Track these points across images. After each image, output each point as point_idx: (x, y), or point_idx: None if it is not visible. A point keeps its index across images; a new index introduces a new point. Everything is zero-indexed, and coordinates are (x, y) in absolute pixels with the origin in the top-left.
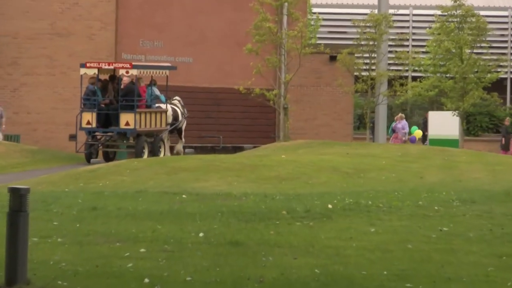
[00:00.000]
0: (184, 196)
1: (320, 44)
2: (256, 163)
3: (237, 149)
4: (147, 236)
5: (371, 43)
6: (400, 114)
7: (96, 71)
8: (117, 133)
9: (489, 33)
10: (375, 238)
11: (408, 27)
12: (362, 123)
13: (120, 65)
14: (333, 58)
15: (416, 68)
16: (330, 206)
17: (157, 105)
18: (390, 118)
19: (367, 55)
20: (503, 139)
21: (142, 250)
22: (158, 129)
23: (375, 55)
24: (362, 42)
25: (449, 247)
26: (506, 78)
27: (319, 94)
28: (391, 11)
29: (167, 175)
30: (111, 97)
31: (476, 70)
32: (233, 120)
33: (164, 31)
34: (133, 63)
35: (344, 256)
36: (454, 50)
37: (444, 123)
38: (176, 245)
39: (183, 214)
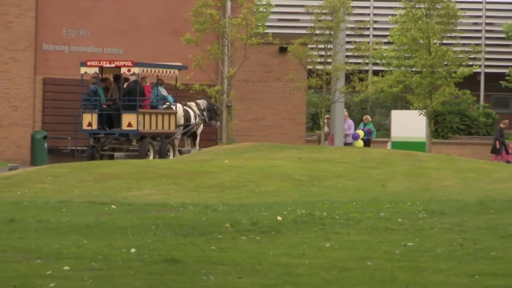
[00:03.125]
0: (113, 206)
1: (268, 33)
2: (196, 169)
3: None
4: (72, 252)
5: (327, 32)
6: (344, 113)
7: (97, 69)
8: (119, 134)
9: (461, 21)
10: (331, 254)
11: (368, 14)
12: (317, 124)
13: (122, 63)
14: (283, 50)
15: (378, 61)
16: (279, 218)
17: (165, 105)
18: (351, 118)
19: (322, 46)
20: (497, 142)
21: (66, 268)
22: (165, 131)
23: (332, 46)
24: (317, 32)
25: (415, 265)
26: (479, 73)
27: (268, 90)
28: None
29: (94, 182)
30: (115, 97)
31: (446, 63)
32: None
33: (90, 17)
34: (135, 61)
35: (296, 275)
36: (421, 41)
37: (410, 124)
38: (105, 262)
39: (112, 227)
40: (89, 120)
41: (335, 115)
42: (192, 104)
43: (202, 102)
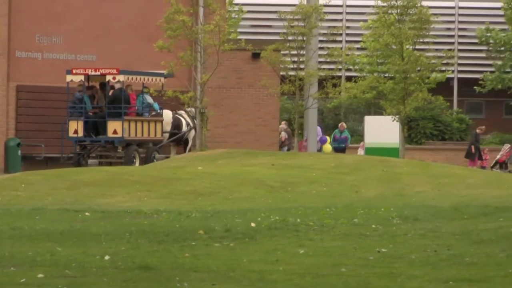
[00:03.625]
0: (87, 213)
1: (241, 39)
2: (169, 176)
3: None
4: (46, 260)
5: (299, 38)
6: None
7: (82, 77)
8: (104, 142)
9: (433, 26)
10: (305, 260)
11: (341, 20)
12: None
13: (107, 70)
14: (256, 56)
15: (351, 67)
16: (253, 224)
17: (153, 113)
18: (325, 124)
19: (295, 52)
20: (472, 147)
21: (40, 275)
22: (151, 138)
23: (304, 52)
24: (290, 38)
25: (388, 271)
26: (453, 78)
27: (241, 96)
28: (322, 1)
29: (68, 190)
30: (101, 105)
31: (419, 68)
32: None
33: (63, 23)
34: (120, 69)
35: (270, 281)
36: (394, 46)
37: (383, 130)
38: (79, 270)
39: (86, 235)
40: (75, 127)
41: (309, 121)
42: (183, 112)
43: (191, 110)
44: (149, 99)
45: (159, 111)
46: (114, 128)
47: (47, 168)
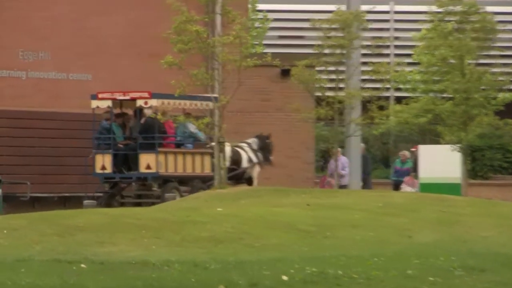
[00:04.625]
0: (83, 265)
1: (267, 53)
2: (182, 219)
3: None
4: None
5: (338, 51)
6: (338, 149)
7: (109, 103)
8: (136, 178)
9: (500, 36)
10: None
11: (388, 29)
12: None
13: (137, 94)
14: (285, 73)
15: (401, 86)
16: (285, 278)
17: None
18: (371, 155)
19: (332, 68)
20: None
21: None
22: (197, 174)
23: (344, 69)
24: (326, 51)
25: None
26: None
27: (268, 122)
28: (365, 7)
29: (59, 236)
30: (136, 135)
31: (483, 87)
32: None
33: (50, 37)
34: (153, 92)
35: None
36: (452, 61)
37: (441, 161)
38: None
39: None
40: (103, 162)
41: (351, 151)
42: (244, 145)
43: (253, 141)
44: (192, 128)
45: (203, 141)
46: (147, 162)
47: (34, 211)
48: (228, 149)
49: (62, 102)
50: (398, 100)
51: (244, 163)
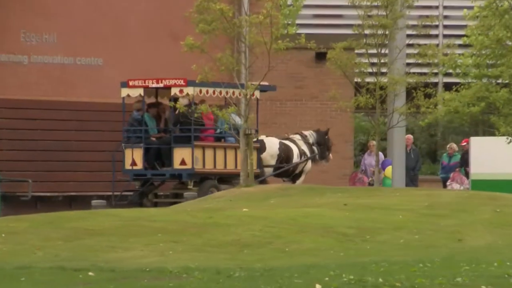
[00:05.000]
0: (91, 273)
1: (300, 35)
2: (203, 222)
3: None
4: None
5: (380, 32)
6: (372, 142)
7: (141, 91)
8: (170, 175)
9: None
10: None
11: (437, 7)
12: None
13: (172, 81)
14: (321, 57)
15: (451, 71)
16: (319, 286)
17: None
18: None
19: (374, 51)
20: None
21: None
22: (238, 171)
23: (387, 51)
24: (366, 31)
25: None
26: None
27: (301, 112)
28: None
29: (64, 241)
30: (172, 127)
31: None
32: None
33: (57, 17)
34: (189, 79)
35: None
36: (509, 42)
37: (495, 155)
38: None
39: None
40: (133, 157)
41: (394, 144)
42: (296, 137)
43: (311, 134)
44: (236, 119)
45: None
46: (181, 157)
47: (36, 212)
48: (274, 142)
49: (69, 90)
50: (448, 86)
51: (295, 159)
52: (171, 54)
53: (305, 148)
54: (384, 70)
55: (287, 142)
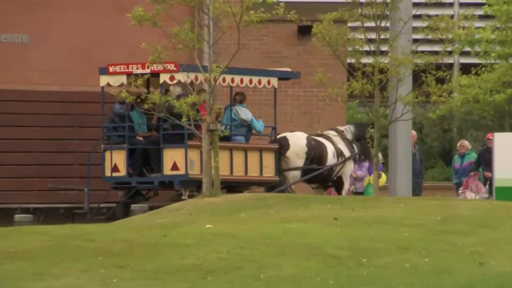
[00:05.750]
0: None
1: (279, 3)
2: (155, 241)
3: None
4: None
5: (379, 0)
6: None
7: (124, 79)
8: (159, 183)
9: None
10: None
11: None
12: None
13: (159, 66)
14: (305, 32)
15: (469, 49)
16: None
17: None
18: (426, 148)
19: (371, 24)
20: None
21: None
22: (249, 178)
23: (388, 25)
24: (362, 0)
25: None
26: None
27: (280, 101)
28: None
29: None
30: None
31: None
32: None
33: None
34: (181, 63)
35: None
36: None
37: None
38: None
39: None
40: (116, 161)
41: (397, 142)
42: (331, 133)
43: (348, 129)
44: (246, 114)
45: (260, 132)
46: (173, 160)
47: None
48: (300, 136)
49: None
50: (465, 69)
51: (330, 160)
52: (114, 29)
53: (342, 146)
54: (384, 48)
55: (317, 138)
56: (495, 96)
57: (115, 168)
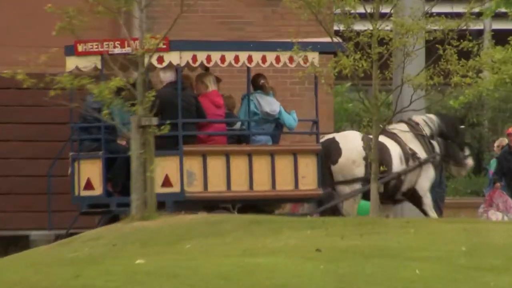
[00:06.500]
0: None
1: None
2: (64, 283)
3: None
4: None
5: None
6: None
7: (98, 60)
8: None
9: None
10: None
11: None
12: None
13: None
14: None
15: (505, 10)
16: None
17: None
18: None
19: None
20: None
21: None
22: (280, 193)
23: None
24: None
25: None
26: None
27: (240, 84)
28: None
29: None
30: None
31: None
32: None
33: None
34: (172, 39)
35: None
36: None
37: None
38: None
39: None
40: (89, 175)
41: None
42: (400, 126)
43: (428, 121)
44: (272, 105)
45: (292, 128)
46: (164, 173)
47: None
48: (354, 137)
49: None
50: (500, 38)
51: (396, 165)
52: None
53: (416, 145)
54: (386, 9)
55: (385, 136)
56: None
57: (88, 185)
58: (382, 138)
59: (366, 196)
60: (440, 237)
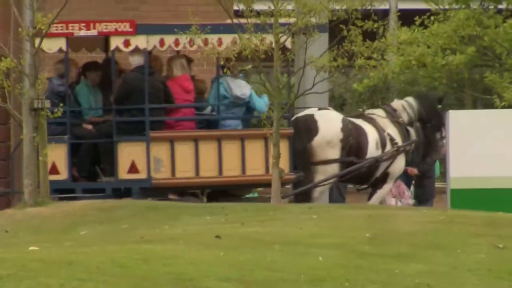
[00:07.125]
0: None
1: None
2: None
3: None
4: None
5: None
6: None
7: (63, 43)
8: (112, 190)
9: None
10: None
11: None
12: None
13: (112, 26)
14: None
15: None
16: None
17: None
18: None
19: None
20: None
21: None
22: (251, 179)
23: None
24: None
25: None
26: None
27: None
28: None
29: None
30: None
31: None
32: None
33: None
34: (139, 23)
35: None
36: None
37: (493, 143)
38: None
39: None
40: (54, 159)
41: None
42: (378, 112)
43: (405, 106)
44: (243, 88)
45: (261, 112)
46: (130, 159)
47: None
48: (333, 117)
49: None
50: (406, 18)
51: (371, 151)
52: None
53: (393, 131)
54: None
55: (357, 120)
56: (449, 58)
57: (53, 169)
58: (361, 122)
59: (342, 180)
60: (344, 223)
